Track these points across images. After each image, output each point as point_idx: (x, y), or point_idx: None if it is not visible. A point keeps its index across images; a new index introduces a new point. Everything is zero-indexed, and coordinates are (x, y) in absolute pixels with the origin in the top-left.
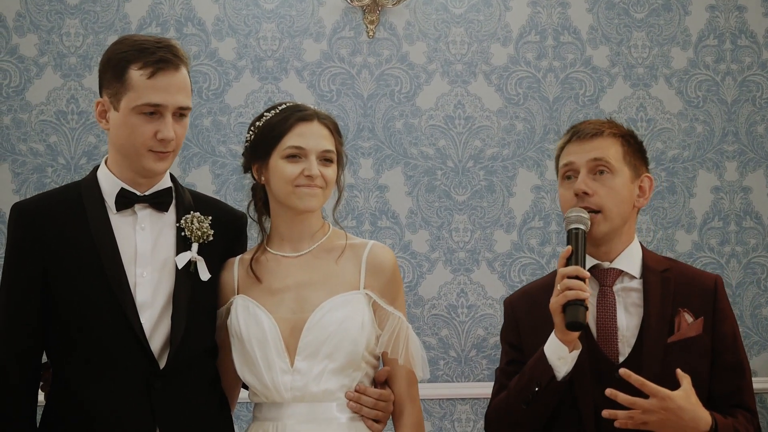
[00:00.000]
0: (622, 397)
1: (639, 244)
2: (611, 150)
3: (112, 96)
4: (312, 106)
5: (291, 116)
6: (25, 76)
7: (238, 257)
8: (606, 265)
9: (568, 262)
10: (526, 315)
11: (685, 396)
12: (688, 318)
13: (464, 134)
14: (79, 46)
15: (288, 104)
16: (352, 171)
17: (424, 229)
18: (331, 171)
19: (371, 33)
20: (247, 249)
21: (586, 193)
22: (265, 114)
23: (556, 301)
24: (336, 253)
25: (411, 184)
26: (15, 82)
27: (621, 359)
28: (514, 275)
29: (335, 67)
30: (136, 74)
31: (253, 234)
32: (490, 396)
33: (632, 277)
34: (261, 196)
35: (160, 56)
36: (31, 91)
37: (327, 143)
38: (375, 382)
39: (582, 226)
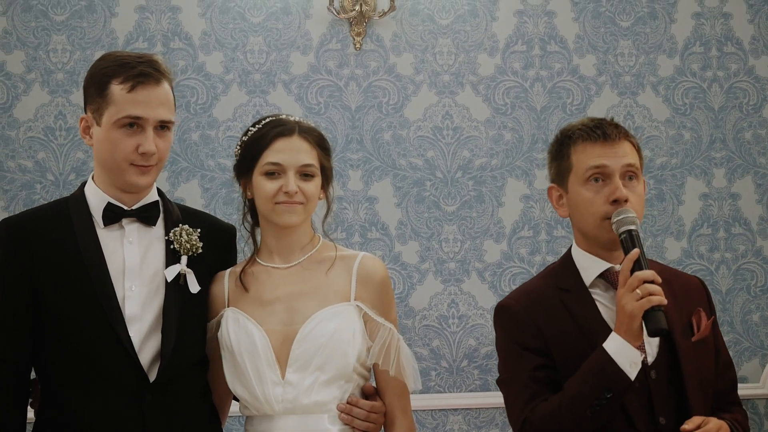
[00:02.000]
0: None
1: None
2: (635, 155)
3: (95, 111)
4: (295, 119)
5: (270, 132)
6: (12, 92)
7: (229, 270)
8: (617, 267)
9: (635, 265)
10: (547, 318)
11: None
12: (704, 318)
13: (452, 145)
14: (66, 62)
15: (271, 118)
16: (341, 183)
17: (413, 240)
18: (312, 185)
19: (358, 45)
20: (237, 262)
21: (625, 200)
22: (250, 129)
23: (638, 306)
24: (326, 264)
25: (400, 195)
26: (2, 99)
27: (650, 359)
28: (505, 285)
29: (323, 80)
30: (117, 89)
31: (241, 246)
32: (481, 406)
33: None
34: (250, 209)
35: (140, 70)
36: (19, 108)
37: (306, 157)
38: (363, 394)
39: (635, 227)
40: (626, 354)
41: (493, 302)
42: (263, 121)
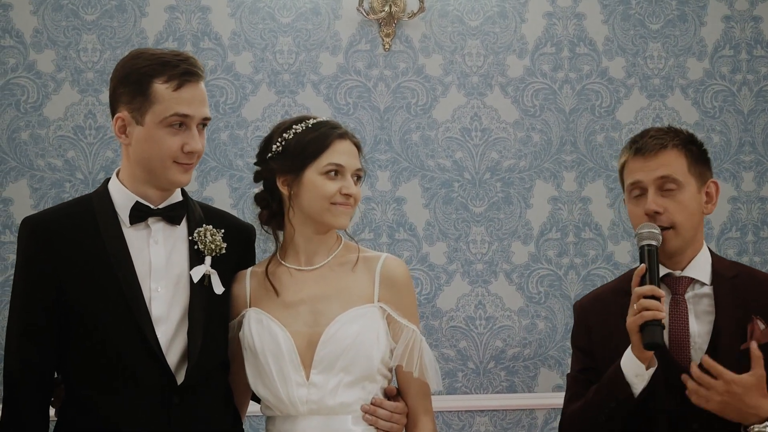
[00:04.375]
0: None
1: (708, 250)
2: (676, 164)
3: (135, 110)
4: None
5: (330, 133)
6: (42, 91)
7: (250, 270)
8: (677, 273)
9: (642, 280)
10: (598, 320)
11: (754, 382)
12: (761, 325)
13: (481, 146)
14: (96, 61)
15: (318, 119)
16: (369, 183)
17: (441, 241)
18: (359, 189)
19: (387, 46)
20: (256, 261)
21: (657, 213)
22: (294, 126)
23: (633, 321)
24: (349, 266)
25: (428, 196)
26: (33, 97)
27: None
28: (532, 287)
29: (352, 80)
30: (161, 87)
31: (259, 245)
32: (508, 408)
33: (703, 284)
34: (274, 208)
35: (184, 68)
36: (49, 107)
37: (358, 162)
38: (386, 395)
39: (655, 242)
40: (632, 366)
41: (521, 304)
42: (310, 121)
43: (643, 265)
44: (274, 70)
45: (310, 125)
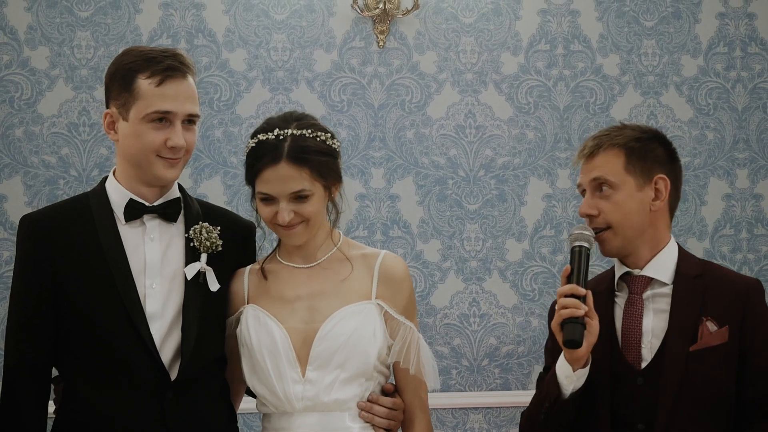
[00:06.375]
0: None
1: (675, 249)
2: (609, 165)
3: (121, 106)
4: (286, 134)
5: (256, 163)
6: (36, 88)
7: (249, 267)
8: (636, 272)
9: (568, 281)
10: None
11: None
12: (711, 327)
13: (475, 143)
14: (90, 58)
15: (261, 138)
16: (363, 181)
17: (435, 239)
18: (308, 206)
19: (381, 43)
20: (256, 258)
21: (590, 215)
22: (249, 142)
23: (554, 321)
24: (348, 263)
25: (422, 193)
26: (27, 94)
27: (643, 365)
28: (526, 284)
29: (346, 77)
30: (144, 83)
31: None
32: (502, 405)
33: (663, 284)
34: None
35: (167, 64)
36: (43, 104)
37: (295, 185)
38: (383, 393)
39: (585, 244)
40: (561, 368)
41: (515, 301)
42: (257, 138)
43: (567, 266)
44: (269, 67)
45: (254, 145)
